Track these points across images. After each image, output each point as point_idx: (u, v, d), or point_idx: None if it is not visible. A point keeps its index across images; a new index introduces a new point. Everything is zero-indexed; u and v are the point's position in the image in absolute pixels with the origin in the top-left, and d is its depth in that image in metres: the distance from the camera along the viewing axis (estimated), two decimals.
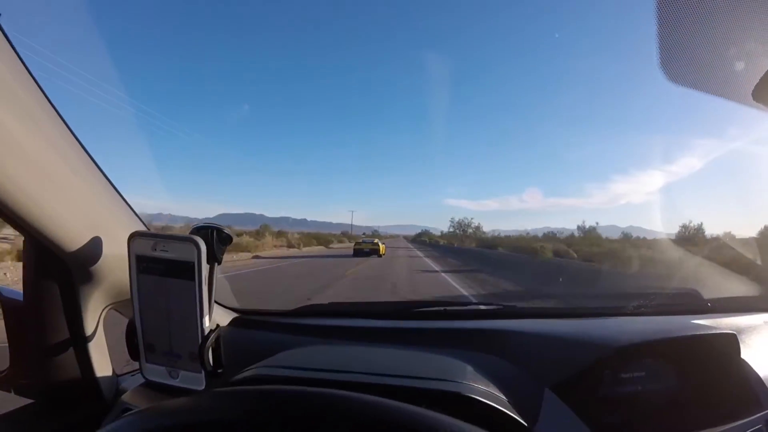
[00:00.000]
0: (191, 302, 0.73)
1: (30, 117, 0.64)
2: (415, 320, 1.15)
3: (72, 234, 0.75)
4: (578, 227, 39.56)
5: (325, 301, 1.51)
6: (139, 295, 0.75)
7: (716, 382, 0.93)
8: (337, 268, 13.63)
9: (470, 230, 65.63)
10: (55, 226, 0.71)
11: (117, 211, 0.87)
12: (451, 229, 69.20)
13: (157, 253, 0.73)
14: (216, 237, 0.79)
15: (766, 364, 1.00)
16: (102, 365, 0.86)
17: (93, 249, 0.79)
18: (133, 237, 0.74)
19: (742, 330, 0.99)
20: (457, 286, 9.78)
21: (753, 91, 0.52)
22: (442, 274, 12.87)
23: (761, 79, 0.52)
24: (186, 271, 0.73)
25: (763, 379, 0.95)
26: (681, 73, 0.56)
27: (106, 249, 0.81)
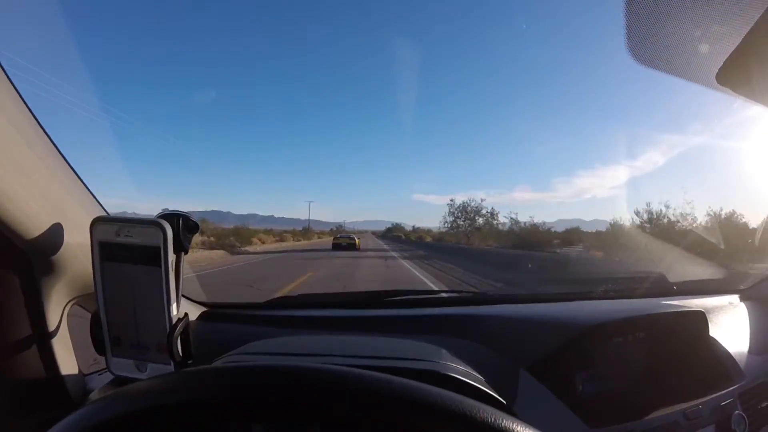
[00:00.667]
0: (158, 290, 0.70)
1: None
2: (388, 308, 1.15)
3: (33, 220, 0.70)
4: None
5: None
6: (103, 285, 0.71)
7: (687, 358, 0.97)
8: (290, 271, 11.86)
9: (480, 220, 38.99)
10: (16, 210, 0.67)
11: (80, 197, 0.83)
12: (450, 220, 41.24)
13: (121, 239, 0.69)
14: (182, 225, 0.75)
15: (734, 342, 1.04)
16: (67, 363, 0.82)
17: (55, 236, 0.75)
18: (96, 222, 0.70)
19: (709, 310, 1.03)
20: None
21: (717, 73, 0.52)
22: None
23: (724, 63, 0.52)
24: (152, 256, 0.69)
25: (732, 355, 0.99)
26: (648, 55, 0.56)
27: (68, 236, 0.77)
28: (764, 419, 0.94)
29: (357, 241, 26.20)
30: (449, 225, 41.35)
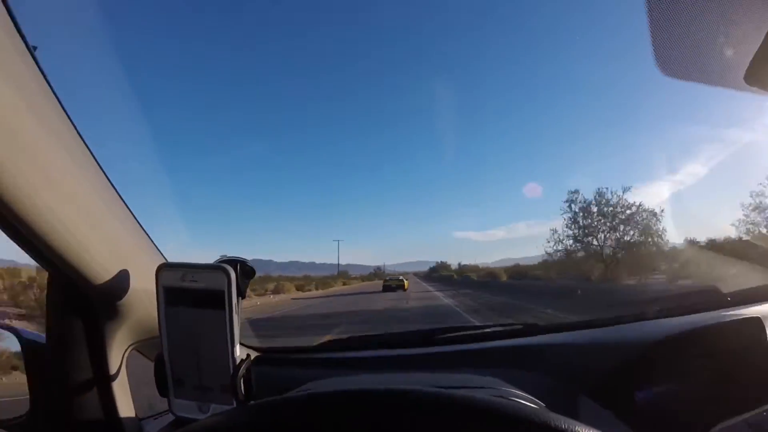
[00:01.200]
0: (222, 332, 0.72)
1: (65, 149, 0.67)
2: (441, 346, 1.13)
3: (101, 267, 0.75)
4: None
5: None
6: (168, 328, 0.73)
7: (747, 368, 0.91)
8: None
9: (627, 229, 19.36)
10: (84, 255, 0.71)
11: (142, 244, 0.87)
12: (568, 235, 21.18)
13: (186, 284, 0.72)
14: (240, 270, 0.76)
15: None
16: (125, 407, 0.85)
17: (120, 282, 0.79)
18: (162, 268, 0.73)
19: (765, 317, 0.97)
20: None
21: (744, 76, 0.53)
22: None
23: (750, 64, 0.53)
24: (216, 300, 0.72)
25: None
26: (676, 67, 0.57)
27: (133, 282, 0.81)
28: None
29: (406, 283, 28.65)
30: (562, 246, 21.19)
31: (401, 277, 30.76)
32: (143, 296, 0.82)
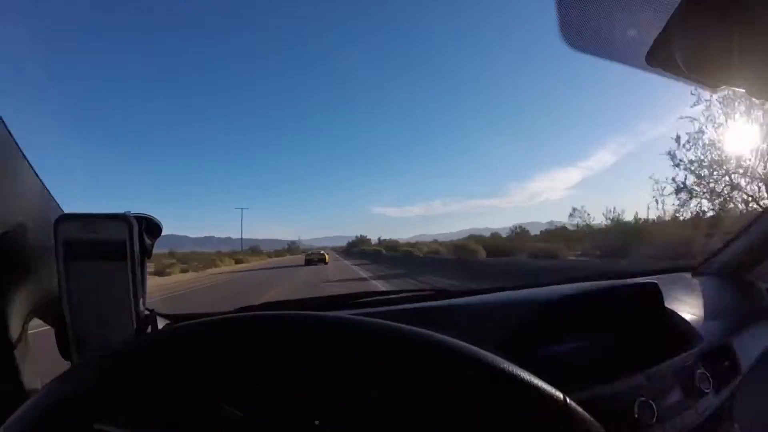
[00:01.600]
0: (124, 285, 0.68)
1: None
2: (352, 308, 1.14)
3: None
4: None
5: None
6: (68, 285, 0.68)
7: (646, 329, 1.01)
8: None
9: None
10: None
11: (41, 196, 0.81)
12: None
13: (86, 235, 0.67)
14: (145, 226, 0.73)
15: (690, 311, 1.10)
16: (30, 378, 0.78)
17: (18, 236, 0.73)
18: (61, 220, 0.68)
19: (663, 284, 1.08)
20: None
21: (645, 56, 0.55)
22: None
23: (652, 45, 0.55)
24: (118, 251, 0.68)
25: (689, 321, 1.05)
26: (580, 41, 0.59)
27: (32, 237, 0.75)
28: (727, 376, 0.99)
29: (326, 256, 31.64)
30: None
31: (322, 252, 33.54)
32: (43, 252, 0.76)
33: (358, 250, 64.04)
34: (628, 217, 15.50)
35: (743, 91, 0.55)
